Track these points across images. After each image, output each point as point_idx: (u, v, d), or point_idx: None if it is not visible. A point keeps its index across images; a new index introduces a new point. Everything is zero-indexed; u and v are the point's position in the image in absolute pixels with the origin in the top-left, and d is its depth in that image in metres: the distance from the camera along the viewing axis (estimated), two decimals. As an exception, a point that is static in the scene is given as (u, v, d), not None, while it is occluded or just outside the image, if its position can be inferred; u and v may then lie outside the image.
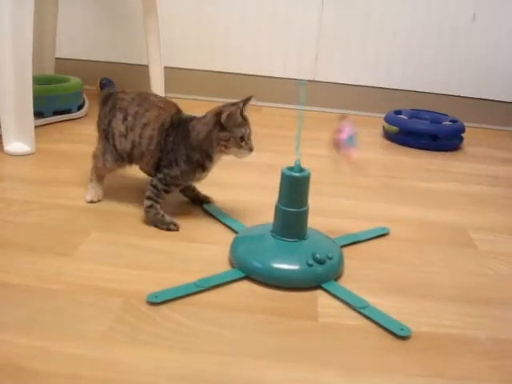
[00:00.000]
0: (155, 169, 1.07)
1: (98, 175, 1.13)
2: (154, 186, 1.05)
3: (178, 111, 1.10)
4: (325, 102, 2.16)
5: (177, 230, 1.04)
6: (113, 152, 1.09)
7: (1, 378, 0.63)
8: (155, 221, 1.04)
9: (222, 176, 1.33)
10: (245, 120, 1.03)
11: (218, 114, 1.02)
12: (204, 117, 1.05)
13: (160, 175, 1.05)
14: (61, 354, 0.67)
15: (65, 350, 0.68)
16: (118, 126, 1.07)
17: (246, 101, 1.03)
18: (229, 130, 1.01)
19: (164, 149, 1.05)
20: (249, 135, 1.03)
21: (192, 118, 1.07)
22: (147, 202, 1.05)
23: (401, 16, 2.05)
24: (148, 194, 1.05)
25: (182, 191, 1.15)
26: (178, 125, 1.06)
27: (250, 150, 1.03)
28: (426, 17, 2.05)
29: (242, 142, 1.02)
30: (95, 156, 1.12)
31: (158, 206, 1.05)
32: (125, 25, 2.13)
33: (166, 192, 1.06)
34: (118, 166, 1.11)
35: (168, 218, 1.04)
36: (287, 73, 2.15)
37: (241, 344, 0.72)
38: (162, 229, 1.03)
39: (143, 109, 1.06)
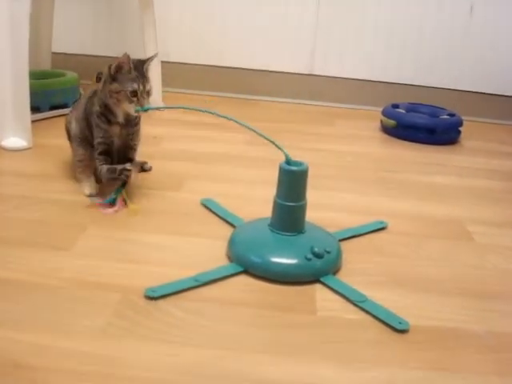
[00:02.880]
0: None
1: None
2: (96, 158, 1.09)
3: None
4: (322, 95, 2.16)
5: (128, 175, 1.07)
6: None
7: (0, 374, 0.62)
8: (110, 177, 1.07)
9: (220, 170, 1.33)
10: (141, 76, 1.04)
11: (110, 65, 1.05)
12: None
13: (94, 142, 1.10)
14: (59, 349, 0.67)
15: (63, 346, 0.68)
16: None
17: (148, 59, 1.07)
18: (119, 83, 1.03)
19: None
20: (144, 92, 1.04)
21: None
22: (100, 168, 1.09)
23: (398, 9, 2.05)
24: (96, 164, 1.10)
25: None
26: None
27: (142, 107, 1.04)
28: (423, 10, 2.04)
29: (134, 98, 1.03)
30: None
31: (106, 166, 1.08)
32: (121, 19, 2.12)
33: (101, 154, 1.09)
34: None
35: (119, 166, 1.07)
36: (284, 66, 2.15)
37: (239, 338, 0.72)
38: (117, 178, 1.07)
39: None
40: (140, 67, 1.05)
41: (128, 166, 1.07)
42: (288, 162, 0.88)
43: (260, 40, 2.12)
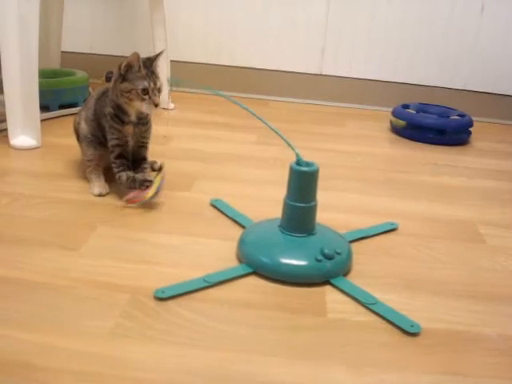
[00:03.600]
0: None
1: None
2: (113, 162, 1.10)
3: None
4: (332, 95, 2.15)
5: (149, 186, 1.06)
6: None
7: (6, 374, 0.62)
8: (130, 186, 1.07)
9: (230, 170, 1.33)
10: (151, 73, 1.04)
11: (119, 65, 1.04)
12: None
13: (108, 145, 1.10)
14: (67, 350, 0.67)
15: (71, 346, 0.68)
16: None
17: (156, 56, 1.07)
18: (130, 82, 1.03)
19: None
20: (155, 89, 1.04)
21: None
22: (119, 176, 1.09)
23: (408, 9, 2.04)
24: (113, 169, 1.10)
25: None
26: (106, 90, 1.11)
27: (155, 104, 1.04)
28: (433, 9, 2.03)
29: (145, 96, 1.03)
30: None
31: (125, 172, 1.08)
32: (131, 18, 2.13)
33: (118, 157, 1.09)
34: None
35: (139, 176, 1.07)
36: (294, 66, 2.14)
37: (248, 340, 0.72)
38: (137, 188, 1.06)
39: None
40: (149, 65, 1.05)
41: (148, 175, 1.08)
42: (298, 162, 0.88)
43: (270, 40, 2.12)
